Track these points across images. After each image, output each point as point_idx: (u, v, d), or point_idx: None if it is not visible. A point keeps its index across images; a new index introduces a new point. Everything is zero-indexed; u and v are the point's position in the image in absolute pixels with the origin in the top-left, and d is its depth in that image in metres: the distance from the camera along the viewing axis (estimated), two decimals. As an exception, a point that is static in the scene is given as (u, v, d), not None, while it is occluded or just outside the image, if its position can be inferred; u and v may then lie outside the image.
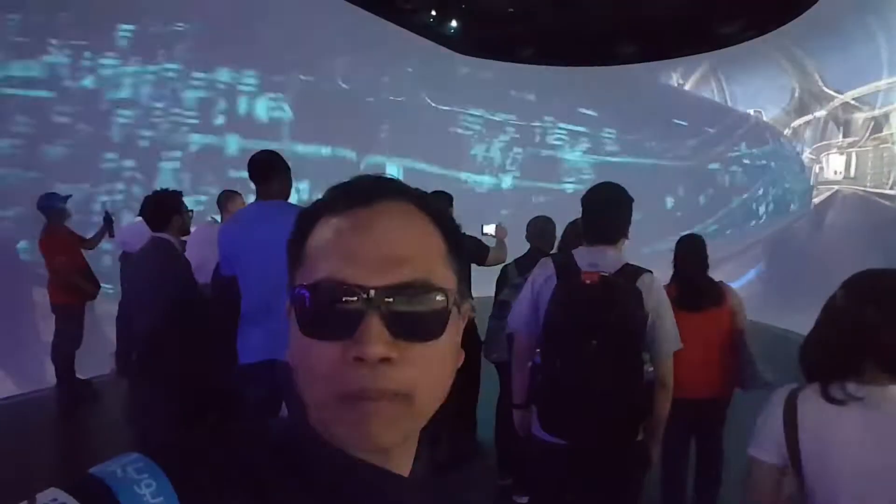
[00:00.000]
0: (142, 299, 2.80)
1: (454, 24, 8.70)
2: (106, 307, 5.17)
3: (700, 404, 2.78)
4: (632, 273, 2.01)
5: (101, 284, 4.75)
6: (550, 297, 2.02)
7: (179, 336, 2.69)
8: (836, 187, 8.79)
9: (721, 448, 2.96)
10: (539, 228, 3.38)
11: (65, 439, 4.22)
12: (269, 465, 0.48)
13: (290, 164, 2.65)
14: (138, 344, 2.82)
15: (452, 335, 0.52)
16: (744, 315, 2.91)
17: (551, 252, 3.28)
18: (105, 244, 5.09)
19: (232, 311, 2.60)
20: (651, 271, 2.05)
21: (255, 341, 2.42)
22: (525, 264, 3.24)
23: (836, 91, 8.63)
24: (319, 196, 0.56)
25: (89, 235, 4.91)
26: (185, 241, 3.36)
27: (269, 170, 2.57)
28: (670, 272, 2.91)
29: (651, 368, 2.05)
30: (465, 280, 0.56)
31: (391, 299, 0.47)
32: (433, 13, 8.25)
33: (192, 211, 3.24)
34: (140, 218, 4.07)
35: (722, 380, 2.84)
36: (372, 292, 0.47)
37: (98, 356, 4.88)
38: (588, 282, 1.96)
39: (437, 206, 0.56)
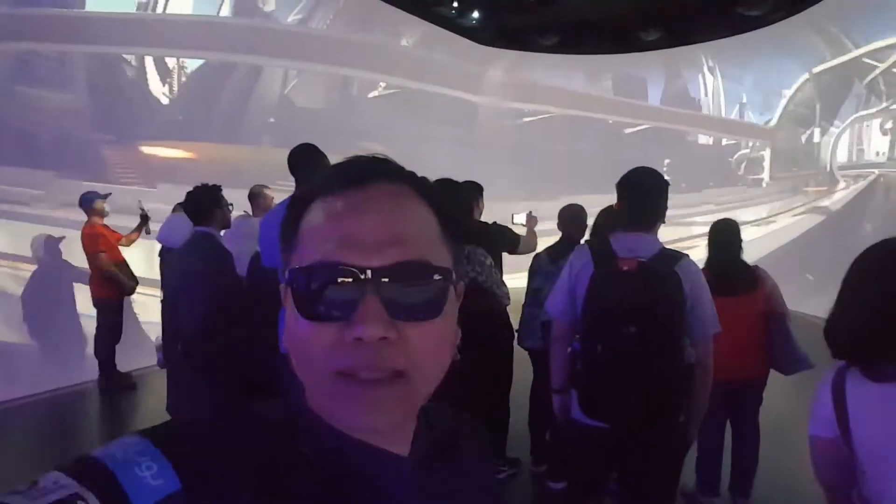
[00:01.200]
0: (188, 291, 2.89)
1: (476, 14, 8.65)
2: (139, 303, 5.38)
3: (736, 387, 2.79)
4: (669, 257, 2.01)
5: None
6: (588, 284, 2.03)
7: (226, 326, 2.77)
8: (875, 171, 8.35)
9: (757, 429, 2.97)
10: (571, 216, 3.39)
11: (108, 429, 4.37)
12: (268, 448, 0.48)
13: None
14: (184, 335, 2.91)
15: (450, 314, 0.52)
16: (781, 299, 2.89)
17: (581, 240, 3.29)
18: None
19: (272, 303, 2.67)
20: (688, 255, 2.05)
21: None
22: (557, 252, 3.25)
23: (876, 61, 8.14)
24: None
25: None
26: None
27: (308, 162, 2.61)
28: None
29: (691, 351, 2.06)
30: (460, 261, 0.56)
31: (388, 280, 0.47)
32: (455, 4, 8.21)
33: (232, 204, 3.33)
34: (174, 213, 4.22)
35: (757, 362, 2.84)
36: (368, 273, 0.47)
37: (135, 350, 5.07)
38: (626, 268, 1.97)
39: (430, 186, 0.56)
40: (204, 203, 3.07)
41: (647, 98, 11.65)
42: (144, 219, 5.03)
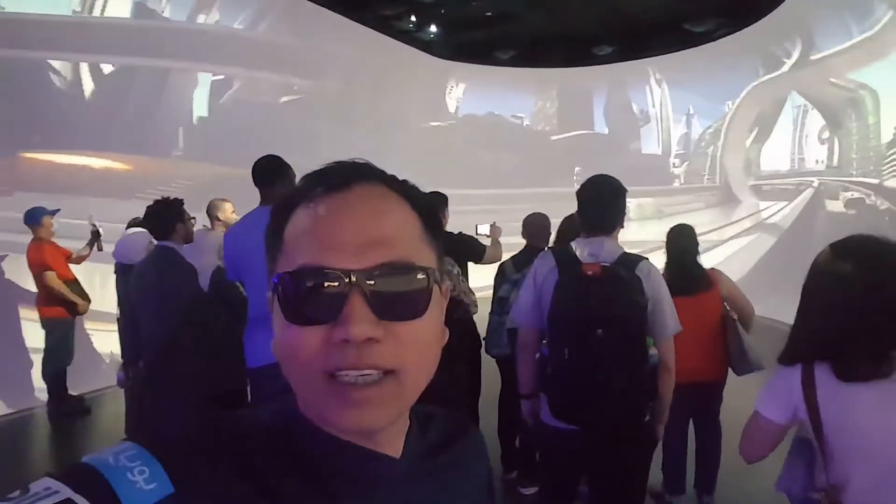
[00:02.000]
0: (152, 308, 2.80)
1: (434, 29, 8.77)
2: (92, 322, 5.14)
3: (697, 386, 2.87)
4: (630, 261, 2.07)
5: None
6: (553, 290, 2.07)
7: (191, 342, 2.70)
8: (815, 179, 8.70)
9: (718, 427, 3.06)
10: (535, 225, 3.45)
11: (59, 457, 4.16)
12: (261, 451, 0.48)
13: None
14: (147, 352, 2.82)
15: (436, 313, 0.53)
16: (742, 301, 2.99)
17: (545, 248, 3.35)
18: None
19: (234, 317, 2.62)
20: (648, 258, 2.11)
21: (262, 345, 2.44)
22: (522, 260, 3.30)
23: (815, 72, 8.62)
24: None
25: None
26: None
27: (274, 174, 2.59)
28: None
29: (654, 352, 2.12)
30: (442, 261, 0.57)
31: (373, 281, 0.48)
32: (413, 19, 8.30)
33: (194, 218, 3.25)
34: (132, 229, 4.09)
35: (716, 362, 2.94)
36: (353, 274, 0.47)
37: (87, 372, 4.85)
38: (589, 273, 2.01)
39: (411, 188, 0.57)
40: (166, 217, 2.99)
41: (593, 110, 12.06)
42: (96, 234, 4.82)
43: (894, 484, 1.28)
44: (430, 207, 0.57)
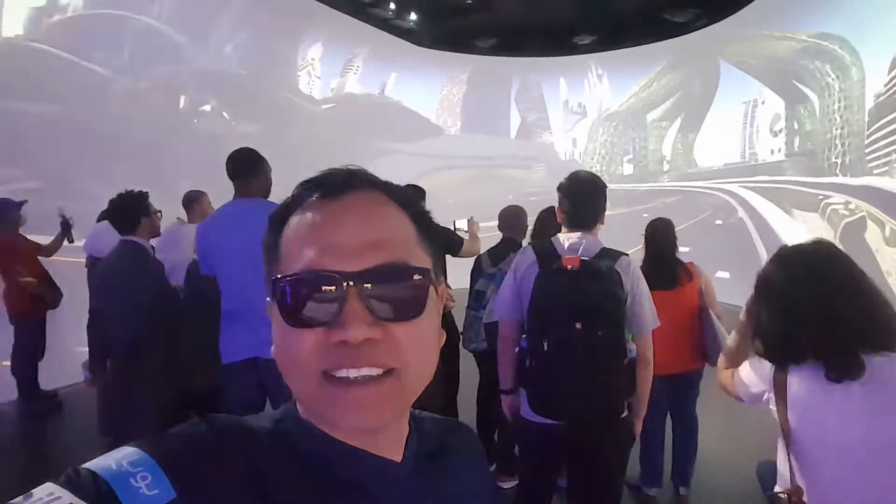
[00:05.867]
0: (115, 304, 2.72)
1: (413, 16, 8.66)
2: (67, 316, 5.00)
3: (674, 379, 2.89)
4: (610, 256, 2.08)
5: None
6: (534, 283, 2.07)
7: (156, 340, 2.63)
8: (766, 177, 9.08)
9: (695, 420, 3.09)
10: (511, 217, 3.42)
11: (31, 455, 4.06)
12: (263, 456, 0.49)
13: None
14: (113, 350, 2.75)
15: (433, 314, 0.54)
16: (713, 295, 3.03)
17: (522, 240, 3.34)
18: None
19: (210, 313, 2.56)
20: (627, 254, 2.12)
21: (238, 340, 2.40)
22: (498, 254, 3.28)
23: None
24: None
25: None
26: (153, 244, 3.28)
27: (249, 167, 2.53)
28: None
29: (632, 346, 2.12)
30: (438, 264, 0.58)
31: (369, 283, 0.49)
32: (392, 6, 8.19)
33: (160, 211, 3.16)
34: (106, 221, 3.97)
35: (693, 355, 2.96)
36: (350, 277, 0.49)
37: (61, 367, 4.73)
38: (569, 266, 2.01)
39: (405, 194, 0.58)
40: (130, 211, 2.89)
41: (546, 104, 12.18)
42: (66, 226, 4.69)
43: (859, 483, 1.30)
44: (424, 212, 0.59)
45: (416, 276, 0.52)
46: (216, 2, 7.45)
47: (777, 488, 1.42)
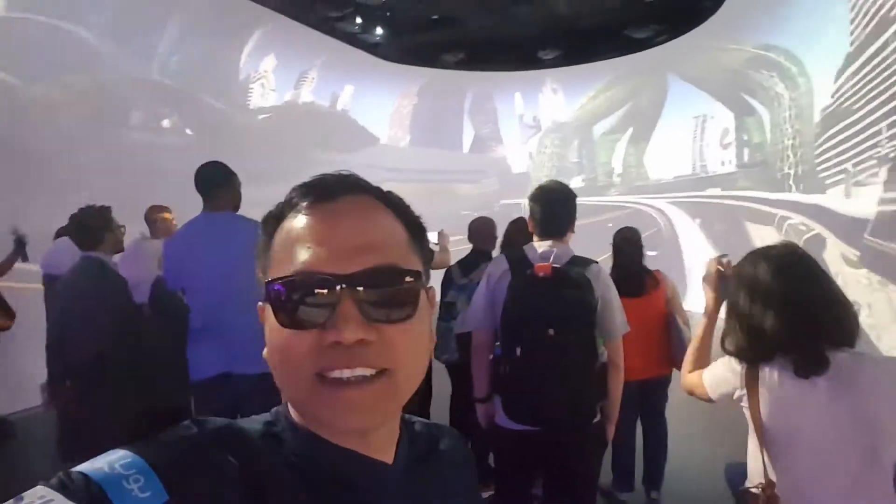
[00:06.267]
0: (76, 323, 2.62)
1: (380, 31, 8.69)
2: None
3: (644, 384, 2.95)
4: (580, 264, 2.12)
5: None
6: (507, 291, 2.09)
7: (120, 358, 2.54)
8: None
9: (665, 424, 3.15)
10: (481, 229, 3.44)
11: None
12: (254, 458, 0.49)
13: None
14: (73, 371, 2.64)
15: (424, 316, 0.55)
16: (679, 301, 3.10)
17: (493, 252, 3.36)
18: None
19: (176, 330, 2.49)
20: (597, 262, 2.17)
21: (207, 356, 2.34)
22: (468, 265, 3.30)
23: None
24: None
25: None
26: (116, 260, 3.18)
27: (218, 181, 2.49)
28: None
29: (603, 350, 2.16)
30: (429, 268, 0.60)
31: (362, 285, 0.50)
32: (358, 20, 8.21)
33: (123, 226, 3.07)
34: (65, 237, 3.83)
35: (662, 360, 3.02)
36: (343, 279, 0.49)
37: (13, 390, 4.52)
38: (541, 274, 2.04)
39: (396, 199, 0.60)
40: (91, 226, 2.80)
41: (498, 117, 12.35)
42: (20, 244, 4.50)
43: (829, 474, 1.35)
44: (415, 217, 0.60)
45: (408, 279, 0.53)
46: (158, 11, 7.24)
47: (748, 484, 1.46)
